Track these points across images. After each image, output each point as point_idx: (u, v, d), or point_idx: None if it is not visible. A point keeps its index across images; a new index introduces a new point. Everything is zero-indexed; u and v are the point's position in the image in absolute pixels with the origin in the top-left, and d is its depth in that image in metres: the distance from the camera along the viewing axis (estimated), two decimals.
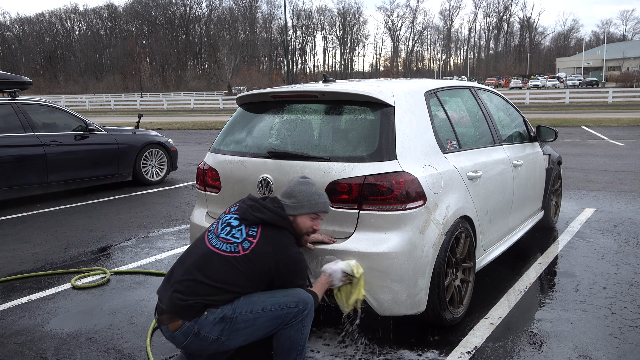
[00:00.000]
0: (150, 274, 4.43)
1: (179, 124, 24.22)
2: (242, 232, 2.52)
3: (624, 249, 4.74)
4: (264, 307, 2.46)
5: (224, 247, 2.49)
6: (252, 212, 2.56)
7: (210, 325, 2.39)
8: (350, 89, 3.17)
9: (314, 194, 2.69)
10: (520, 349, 3.02)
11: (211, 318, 2.39)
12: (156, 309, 2.54)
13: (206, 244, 2.54)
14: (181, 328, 2.40)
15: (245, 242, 2.48)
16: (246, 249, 2.46)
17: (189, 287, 2.41)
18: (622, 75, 57.70)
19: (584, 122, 19.08)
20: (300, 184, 2.70)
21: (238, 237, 2.51)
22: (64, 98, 55.19)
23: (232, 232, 2.53)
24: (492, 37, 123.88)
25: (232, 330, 2.42)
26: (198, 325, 2.39)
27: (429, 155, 3.15)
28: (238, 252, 2.46)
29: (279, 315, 2.47)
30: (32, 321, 3.56)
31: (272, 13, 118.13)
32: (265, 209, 2.57)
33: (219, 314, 2.40)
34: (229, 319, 2.41)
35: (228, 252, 2.46)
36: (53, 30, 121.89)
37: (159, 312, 2.50)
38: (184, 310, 2.39)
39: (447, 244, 3.09)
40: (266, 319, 2.46)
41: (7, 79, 7.69)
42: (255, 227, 2.54)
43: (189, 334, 2.40)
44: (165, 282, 2.56)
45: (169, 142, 9.11)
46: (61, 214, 6.80)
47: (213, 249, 2.50)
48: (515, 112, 4.91)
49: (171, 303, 2.42)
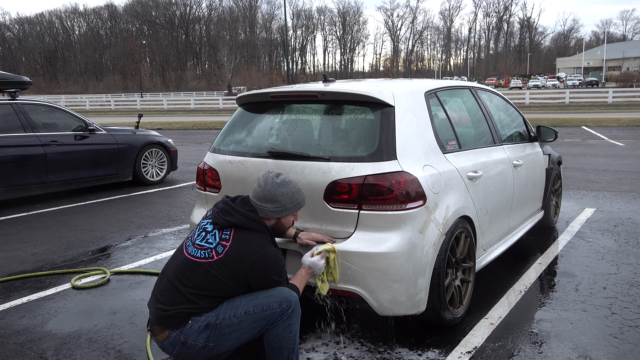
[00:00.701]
0: (150, 274, 4.43)
1: (179, 124, 24.23)
2: (216, 237, 2.49)
3: (624, 249, 4.74)
4: (246, 310, 2.45)
5: (199, 253, 2.47)
6: (223, 215, 2.52)
7: (196, 333, 2.40)
8: (351, 89, 3.17)
9: (295, 193, 2.63)
10: (520, 349, 3.01)
11: (195, 326, 2.40)
12: (148, 321, 2.57)
13: (184, 252, 2.53)
14: (168, 338, 2.42)
15: (218, 246, 2.46)
16: (220, 253, 2.44)
17: (170, 298, 2.43)
18: (622, 75, 57.73)
19: (584, 122, 19.08)
20: (279, 185, 2.59)
21: (212, 242, 2.48)
22: (64, 98, 55.21)
23: (206, 237, 2.51)
24: (492, 37, 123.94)
25: (218, 336, 2.42)
26: (184, 335, 2.40)
27: (429, 155, 3.15)
28: (212, 258, 2.43)
29: (263, 316, 2.46)
30: (32, 321, 3.56)
31: (272, 13, 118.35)
32: (235, 212, 2.52)
33: (203, 322, 2.41)
34: (213, 326, 2.41)
35: (203, 259, 2.45)
36: (53, 30, 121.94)
37: (149, 324, 2.53)
38: (167, 321, 2.41)
39: (447, 244, 3.09)
40: (250, 322, 2.45)
41: (7, 79, 7.69)
42: (228, 230, 2.50)
43: (176, 343, 2.41)
44: (152, 293, 2.58)
45: (169, 142, 9.11)
46: (61, 214, 6.80)
47: (189, 256, 2.49)
48: (515, 112, 4.91)
49: (156, 314, 2.45)
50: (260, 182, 2.62)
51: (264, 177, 2.63)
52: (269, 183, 2.59)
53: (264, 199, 2.58)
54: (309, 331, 3.25)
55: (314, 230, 3.01)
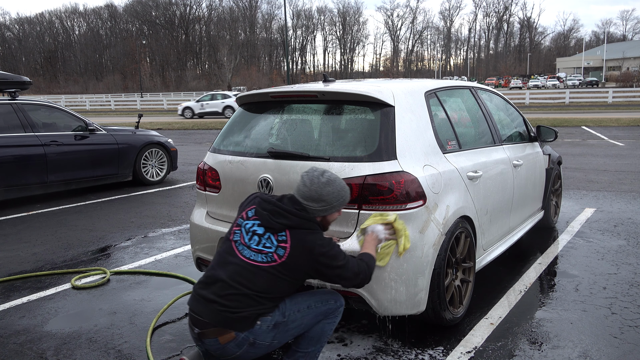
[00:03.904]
0: (150, 274, 4.43)
1: (179, 124, 24.23)
2: (272, 240, 2.47)
3: (624, 249, 4.74)
4: (308, 305, 2.54)
5: (260, 257, 2.45)
6: (276, 219, 2.48)
7: (265, 333, 2.43)
8: (350, 89, 3.17)
9: (340, 190, 2.58)
10: (520, 349, 3.02)
11: (264, 327, 2.42)
12: (194, 322, 2.47)
13: (239, 256, 2.49)
14: (235, 340, 2.40)
15: (278, 249, 2.45)
16: (282, 256, 2.44)
17: (237, 301, 2.40)
18: (622, 75, 57.77)
19: (584, 122, 19.08)
20: (325, 185, 2.53)
21: (270, 246, 2.46)
22: (64, 98, 55.21)
23: (261, 241, 2.48)
24: (492, 37, 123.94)
25: (283, 332, 2.49)
26: (253, 335, 2.41)
27: (429, 155, 3.15)
28: (275, 261, 2.44)
29: (322, 310, 2.57)
30: (32, 321, 3.56)
31: (272, 13, 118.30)
32: (288, 213, 2.49)
33: (271, 322, 2.44)
34: (281, 324, 2.46)
35: (265, 263, 2.44)
36: (53, 30, 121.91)
37: (199, 325, 2.45)
38: (237, 323, 2.39)
39: (447, 244, 3.09)
40: (312, 316, 2.54)
41: (7, 79, 7.69)
42: (282, 232, 2.48)
43: (243, 344, 2.41)
44: (200, 296, 2.48)
45: (169, 142, 9.11)
46: (61, 214, 6.80)
47: (249, 261, 2.46)
48: (515, 112, 4.91)
49: (220, 317, 2.39)
50: (306, 182, 2.54)
51: (309, 177, 2.55)
52: (314, 183, 2.53)
53: (310, 199, 2.52)
54: None
55: None
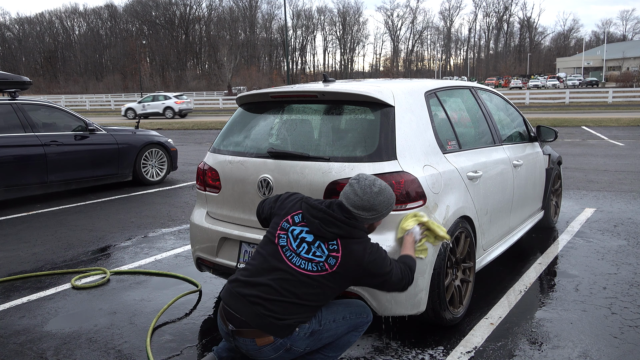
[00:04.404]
0: (150, 274, 4.43)
1: (179, 124, 24.23)
2: (323, 249, 2.47)
3: (624, 249, 4.74)
4: (344, 316, 2.58)
5: (310, 266, 2.45)
6: (328, 228, 2.47)
7: (301, 340, 2.46)
8: (350, 89, 3.17)
9: (390, 198, 2.59)
10: (520, 349, 3.02)
11: (302, 334, 2.45)
12: (230, 319, 2.47)
13: (287, 263, 2.47)
14: (273, 344, 2.43)
15: (330, 259, 2.45)
16: (333, 265, 2.45)
17: (283, 307, 2.41)
18: (622, 75, 57.75)
19: (584, 122, 19.08)
20: (377, 195, 2.51)
21: (320, 255, 2.46)
22: (64, 98, 55.22)
23: (311, 249, 2.47)
24: (492, 37, 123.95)
25: (317, 340, 2.52)
26: (290, 341, 2.44)
27: (429, 155, 3.15)
28: (326, 270, 2.45)
29: (355, 323, 2.62)
30: (32, 321, 3.56)
31: (272, 13, 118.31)
32: (340, 222, 2.48)
33: (308, 329, 2.47)
34: (317, 332, 2.50)
35: (316, 272, 2.45)
36: (53, 30, 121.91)
37: (236, 323, 2.45)
38: (280, 329, 2.41)
39: (447, 244, 3.09)
40: (346, 327, 2.59)
41: (7, 79, 7.69)
42: (333, 241, 2.48)
43: (280, 349, 2.45)
44: (240, 294, 2.46)
45: (169, 142, 9.11)
46: (61, 214, 6.80)
47: (299, 269, 2.45)
48: (515, 112, 4.91)
49: (263, 321, 2.40)
50: (357, 191, 2.51)
51: (360, 186, 2.52)
52: (367, 193, 2.50)
53: (361, 208, 2.51)
54: None
55: None
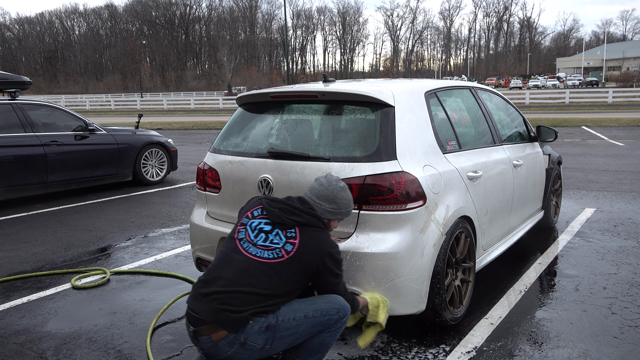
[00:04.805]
0: (150, 274, 4.43)
1: (179, 124, 24.23)
2: (281, 236, 2.50)
3: (624, 249, 4.74)
4: (306, 314, 2.50)
5: (266, 254, 2.47)
6: (288, 215, 2.52)
7: (256, 334, 2.41)
8: (350, 89, 3.17)
9: (351, 201, 2.69)
10: (520, 349, 3.02)
11: (256, 327, 2.40)
12: (191, 320, 2.47)
13: (244, 254, 2.49)
14: (227, 338, 2.39)
15: (287, 245, 2.47)
16: (289, 251, 2.46)
17: (239, 299, 2.39)
18: (622, 75, 57.70)
19: (584, 122, 19.08)
20: (341, 190, 2.65)
21: (278, 242, 2.49)
22: (64, 98, 55.21)
23: (269, 237, 2.51)
24: (492, 37, 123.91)
25: (275, 339, 2.45)
26: (244, 335, 2.39)
27: (429, 155, 3.15)
28: (282, 257, 2.45)
29: (321, 322, 2.51)
30: (32, 321, 3.56)
31: (272, 13, 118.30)
32: (300, 211, 2.54)
33: (264, 323, 2.42)
34: (273, 327, 2.43)
35: (272, 259, 2.45)
36: (53, 30, 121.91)
37: (196, 322, 2.45)
38: (234, 323, 2.38)
39: (447, 244, 3.09)
40: (308, 326, 2.50)
41: (7, 79, 7.69)
42: (292, 229, 2.52)
43: (234, 343, 2.40)
44: (199, 294, 2.48)
45: (169, 142, 9.11)
46: (61, 214, 6.80)
47: (255, 257, 2.47)
48: (515, 112, 4.91)
49: (218, 316, 2.39)
50: (323, 182, 2.65)
51: (327, 179, 2.66)
52: (332, 184, 2.64)
53: (324, 198, 2.61)
54: None
55: None
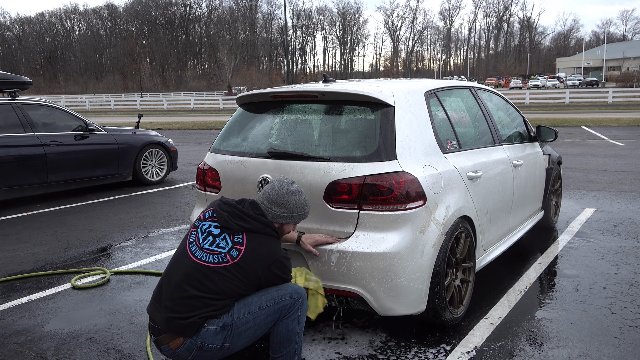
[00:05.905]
0: (150, 274, 4.43)
1: (179, 124, 24.23)
2: (227, 241, 2.48)
3: (624, 249, 4.74)
4: (260, 306, 2.47)
5: (211, 258, 2.45)
6: (235, 220, 2.50)
7: (213, 336, 2.40)
8: (350, 89, 3.17)
9: (304, 204, 2.67)
10: (520, 349, 3.02)
11: (212, 329, 2.39)
12: (151, 330, 2.49)
13: (191, 258, 2.48)
14: (183, 345, 2.40)
15: (232, 250, 2.45)
16: (235, 257, 2.43)
17: (186, 305, 2.39)
18: (622, 75, 57.69)
19: (584, 122, 19.08)
20: (292, 193, 2.62)
21: (224, 246, 2.46)
22: (64, 98, 55.21)
23: (215, 241, 2.48)
24: (492, 37, 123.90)
25: (234, 336, 2.44)
26: (200, 339, 2.39)
27: (429, 155, 3.15)
28: (227, 262, 2.43)
29: (276, 309, 2.49)
30: (32, 321, 3.56)
31: (272, 13, 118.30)
32: (248, 217, 2.52)
33: (219, 323, 2.40)
34: (229, 326, 2.42)
35: (216, 264, 2.43)
36: (53, 30, 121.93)
37: (155, 332, 2.46)
38: (185, 329, 2.38)
39: (447, 244, 3.09)
40: (265, 316, 2.48)
41: (7, 79, 7.70)
42: (239, 234, 2.49)
43: (192, 348, 2.40)
44: (155, 301, 2.51)
45: (169, 142, 9.11)
46: (61, 214, 6.80)
47: (200, 262, 2.45)
48: (515, 112, 4.91)
49: (170, 324, 2.40)
50: (275, 186, 2.64)
51: (279, 182, 2.65)
52: (283, 188, 2.62)
53: (274, 202, 2.60)
54: (308, 327, 3.25)
55: (314, 231, 3.02)
